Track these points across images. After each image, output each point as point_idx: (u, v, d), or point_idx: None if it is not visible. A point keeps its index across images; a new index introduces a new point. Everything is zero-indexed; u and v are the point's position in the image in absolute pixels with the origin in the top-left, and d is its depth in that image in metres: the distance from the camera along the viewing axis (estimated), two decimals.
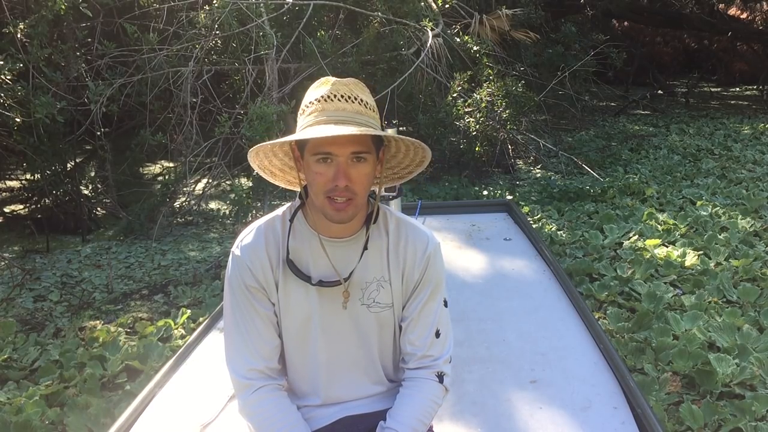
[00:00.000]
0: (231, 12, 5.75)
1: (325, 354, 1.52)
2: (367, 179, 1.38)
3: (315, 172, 1.36)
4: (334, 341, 1.51)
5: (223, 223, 6.15)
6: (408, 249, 1.51)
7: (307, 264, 1.48)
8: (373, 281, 1.50)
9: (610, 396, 1.84)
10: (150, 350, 3.32)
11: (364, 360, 1.56)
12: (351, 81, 1.41)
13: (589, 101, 10.89)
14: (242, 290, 1.47)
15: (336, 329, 1.51)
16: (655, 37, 16.62)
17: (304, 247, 1.48)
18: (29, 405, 2.82)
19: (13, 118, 4.94)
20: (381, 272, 1.51)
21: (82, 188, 6.42)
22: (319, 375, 1.54)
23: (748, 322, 3.38)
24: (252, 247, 1.47)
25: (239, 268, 1.46)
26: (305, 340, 1.51)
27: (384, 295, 1.51)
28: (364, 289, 1.50)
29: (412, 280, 1.52)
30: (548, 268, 2.87)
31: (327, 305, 1.49)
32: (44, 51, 5.35)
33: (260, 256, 1.46)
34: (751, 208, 5.54)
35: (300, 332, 1.50)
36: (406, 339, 1.54)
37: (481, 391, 1.91)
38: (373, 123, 1.39)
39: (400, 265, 1.51)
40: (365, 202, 1.44)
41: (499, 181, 7.29)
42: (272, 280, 1.47)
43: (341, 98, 1.36)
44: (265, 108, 5.22)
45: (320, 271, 1.48)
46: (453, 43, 7.24)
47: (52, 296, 4.45)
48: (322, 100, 1.37)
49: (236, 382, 1.47)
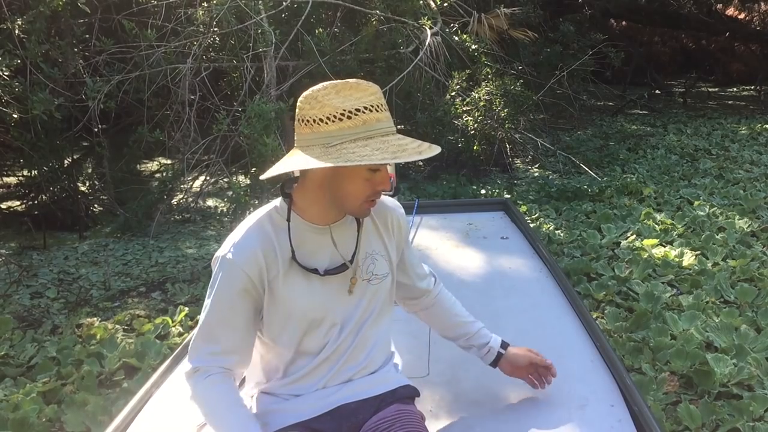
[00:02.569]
0: (229, 9, 5.74)
1: (335, 339, 1.57)
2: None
3: (365, 180, 1.44)
4: (345, 324, 1.58)
5: (220, 220, 6.14)
6: (393, 222, 1.68)
7: (311, 257, 1.53)
8: (367, 257, 1.61)
9: (607, 394, 1.84)
10: (147, 348, 3.31)
11: (374, 336, 1.64)
12: (372, 85, 1.47)
13: (587, 101, 10.89)
14: (230, 295, 1.47)
15: (344, 312, 1.58)
16: (653, 37, 16.62)
17: (305, 242, 1.52)
18: (26, 402, 2.81)
19: (11, 114, 4.93)
20: (372, 246, 1.63)
21: (80, 185, 6.41)
22: (329, 360, 1.57)
23: (745, 322, 3.39)
24: (247, 250, 1.47)
25: (231, 271, 1.47)
26: (314, 328, 1.55)
27: (379, 266, 1.62)
28: (362, 265, 1.59)
29: (401, 245, 1.71)
30: (545, 266, 2.87)
31: (334, 292, 1.56)
32: (42, 47, 5.33)
33: (257, 258, 1.47)
34: (748, 209, 5.55)
35: (307, 322, 1.54)
36: (414, 276, 1.78)
37: (477, 389, 1.91)
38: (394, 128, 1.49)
39: (392, 237, 1.67)
40: None
41: (496, 180, 7.29)
42: (266, 281, 1.48)
43: (379, 108, 1.41)
44: (263, 105, 5.21)
45: (324, 260, 1.55)
46: (451, 42, 7.24)
47: (49, 293, 4.44)
48: (368, 110, 1.39)
49: (190, 369, 1.50)
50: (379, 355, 1.67)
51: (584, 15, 11.37)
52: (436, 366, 2.04)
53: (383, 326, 1.68)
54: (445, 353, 2.08)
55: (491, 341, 1.82)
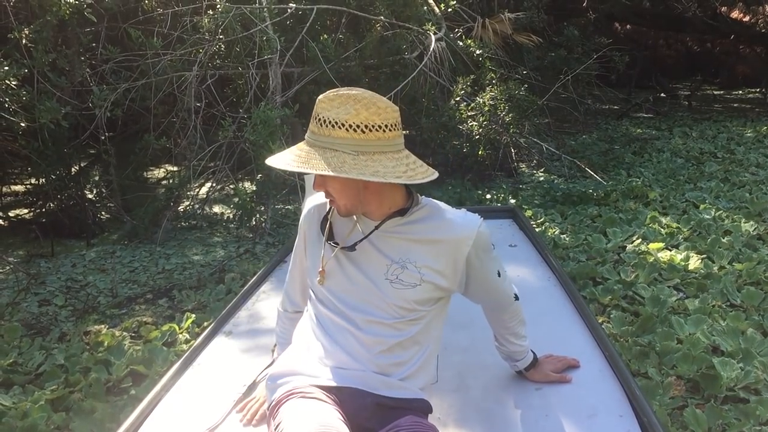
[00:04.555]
0: (234, 17, 5.78)
1: (342, 315, 1.70)
2: (340, 189, 1.60)
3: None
4: (356, 304, 1.70)
5: (227, 227, 6.16)
6: (449, 244, 1.67)
7: (340, 235, 1.74)
8: (398, 261, 1.67)
9: (616, 403, 1.84)
10: (155, 355, 3.32)
11: (393, 339, 1.69)
12: (351, 97, 1.52)
13: (591, 104, 10.87)
14: (297, 241, 1.89)
15: (357, 292, 1.70)
16: (658, 40, 16.58)
17: (340, 222, 1.75)
18: (35, 410, 2.83)
19: (18, 122, 4.96)
20: (407, 255, 1.67)
21: (87, 192, 6.44)
22: (336, 334, 1.71)
23: (752, 326, 3.38)
24: (305, 211, 1.84)
25: (302, 218, 1.85)
26: (327, 298, 1.73)
27: (408, 275, 1.66)
28: (389, 266, 1.67)
29: (456, 267, 1.69)
30: (553, 274, 2.87)
31: (350, 270, 1.70)
32: (49, 56, 5.37)
33: (308, 218, 1.82)
34: (754, 212, 5.53)
35: (322, 289, 1.74)
36: (494, 303, 1.86)
37: (486, 397, 1.92)
38: (346, 146, 1.50)
39: (441, 256, 1.67)
40: (355, 204, 1.63)
41: (502, 185, 7.29)
42: (309, 239, 1.81)
43: (324, 123, 1.52)
44: (268, 112, 5.24)
45: (344, 238, 1.74)
46: (456, 47, 7.26)
47: (57, 300, 4.46)
48: (314, 120, 1.56)
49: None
50: (404, 362, 1.71)
51: (588, 19, 11.37)
52: (445, 373, 2.04)
53: (407, 334, 1.70)
54: (454, 360, 2.09)
55: (518, 363, 1.98)
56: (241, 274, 4.69)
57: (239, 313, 2.64)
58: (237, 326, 2.52)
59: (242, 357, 2.27)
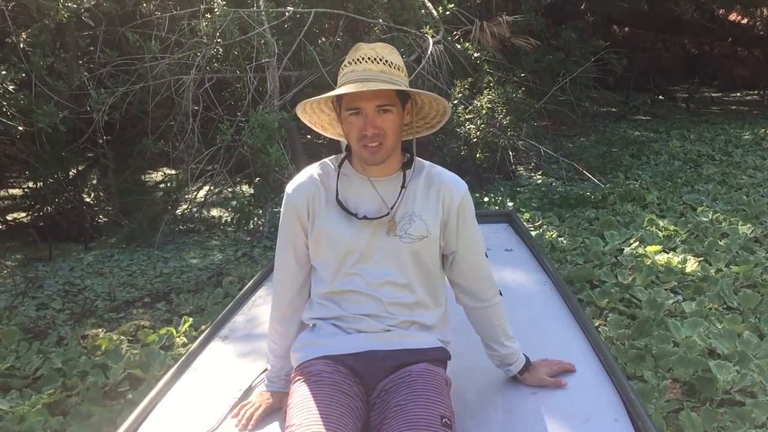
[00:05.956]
0: (232, 20, 5.79)
1: (363, 280, 1.76)
2: (393, 126, 1.68)
3: (349, 123, 1.69)
4: (373, 268, 1.76)
5: (224, 230, 6.16)
6: (445, 194, 1.79)
7: (354, 203, 1.78)
8: (405, 216, 1.76)
9: (611, 407, 1.85)
10: (152, 358, 3.32)
11: (401, 288, 1.78)
12: (379, 45, 1.72)
13: (589, 107, 10.89)
14: (287, 220, 1.82)
15: (376, 258, 1.76)
16: (656, 42, 16.63)
17: (351, 189, 1.79)
18: (32, 413, 2.83)
19: (16, 126, 4.97)
20: (413, 208, 1.77)
21: (85, 196, 6.44)
22: (356, 299, 1.78)
23: (748, 329, 3.39)
24: (300, 187, 1.80)
25: (286, 204, 1.82)
26: (346, 267, 1.77)
27: (416, 228, 1.76)
28: (399, 222, 1.76)
29: (450, 220, 1.79)
30: (549, 279, 2.87)
31: (369, 237, 1.76)
32: (47, 60, 5.38)
33: (306, 195, 1.78)
34: (751, 214, 5.54)
35: (342, 260, 1.77)
36: (468, 269, 1.86)
37: (482, 402, 1.92)
38: (397, 80, 1.67)
39: (440, 208, 1.78)
40: (396, 146, 1.73)
41: (499, 188, 7.30)
42: (312, 216, 1.78)
43: (368, 60, 1.65)
44: (266, 115, 5.25)
45: (365, 207, 1.77)
46: (453, 50, 7.27)
47: (55, 304, 4.46)
48: (353, 63, 1.67)
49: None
50: (417, 316, 1.80)
51: (586, 21, 11.41)
52: None
53: (419, 289, 1.80)
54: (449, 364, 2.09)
55: (511, 367, 1.96)
56: (239, 277, 4.69)
57: (236, 318, 2.64)
58: (233, 331, 2.52)
59: (238, 362, 2.27)
